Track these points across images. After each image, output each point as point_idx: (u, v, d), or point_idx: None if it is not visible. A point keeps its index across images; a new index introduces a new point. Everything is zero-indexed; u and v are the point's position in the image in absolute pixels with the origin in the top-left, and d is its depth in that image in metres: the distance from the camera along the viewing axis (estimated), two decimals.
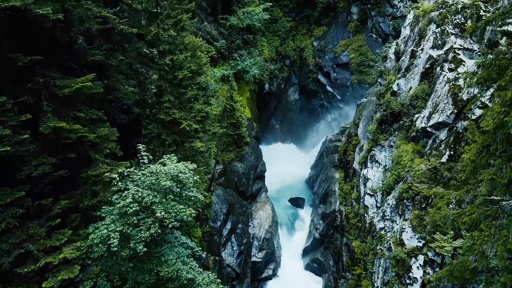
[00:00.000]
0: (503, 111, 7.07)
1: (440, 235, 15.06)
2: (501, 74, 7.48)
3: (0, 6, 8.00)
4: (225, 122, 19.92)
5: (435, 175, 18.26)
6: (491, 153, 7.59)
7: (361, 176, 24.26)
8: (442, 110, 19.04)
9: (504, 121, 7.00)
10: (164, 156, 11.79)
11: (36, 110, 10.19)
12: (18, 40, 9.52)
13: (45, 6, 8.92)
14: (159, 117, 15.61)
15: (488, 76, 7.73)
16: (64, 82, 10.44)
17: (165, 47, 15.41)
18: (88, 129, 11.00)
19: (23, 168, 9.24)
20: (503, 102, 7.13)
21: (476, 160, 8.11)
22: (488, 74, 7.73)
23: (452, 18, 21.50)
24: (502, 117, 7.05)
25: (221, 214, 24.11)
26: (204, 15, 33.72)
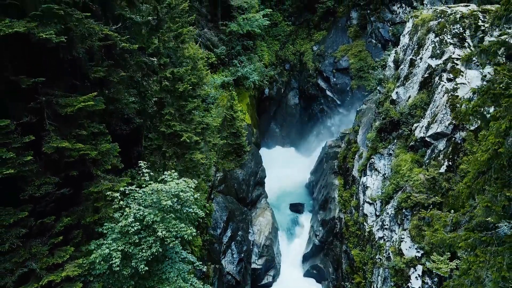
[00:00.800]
0: (497, 142, 7.21)
1: (437, 256, 15.22)
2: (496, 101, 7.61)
3: (5, 32, 8.14)
4: (225, 132, 20.04)
5: (434, 185, 18.40)
6: (486, 179, 7.74)
7: (360, 184, 24.39)
8: (440, 120, 19.18)
9: (498, 152, 7.14)
10: (165, 173, 11.93)
11: (39, 129, 10.33)
12: (21, 61, 9.65)
13: (48, 30, 9.05)
14: (159, 130, 15.74)
15: (483, 104, 7.88)
16: (66, 101, 10.57)
17: (166, 60, 15.55)
18: (90, 146, 11.13)
19: (26, 188, 9.37)
20: (498, 133, 7.28)
21: (472, 185, 8.26)
22: (483, 102, 7.88)
23: (450, 27, 21.63)
24: (497, 148, 7.20)
25: (221, 221, 24.24)
26: (204, 22, 33.89)
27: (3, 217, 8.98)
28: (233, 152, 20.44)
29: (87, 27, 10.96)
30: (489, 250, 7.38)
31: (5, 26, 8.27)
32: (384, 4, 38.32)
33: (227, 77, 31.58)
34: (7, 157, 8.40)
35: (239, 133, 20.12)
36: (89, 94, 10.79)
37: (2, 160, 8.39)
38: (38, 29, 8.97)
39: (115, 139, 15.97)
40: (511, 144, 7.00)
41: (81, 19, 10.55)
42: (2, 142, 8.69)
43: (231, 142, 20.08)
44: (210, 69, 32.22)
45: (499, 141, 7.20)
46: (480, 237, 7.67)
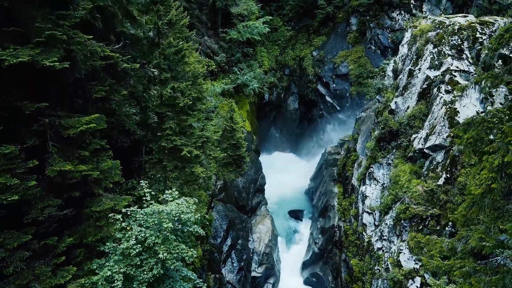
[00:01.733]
0: (491, 177, 7.39)
1: (433, 279, 15.38)
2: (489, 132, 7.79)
3: (9, 62, 8.30)
4: (225, 143, 20.20)
5: (432, 197, 18.57)
6: (480, 209, 7.91)
7: (360, 193, 24.56)
8: (439, 132, 19.35)
9: (491, 187, 7.32)
10: (166, 192, 12.09)
11: (42, 151, 10.49)
12: (24, 85, 9.82)
13: (51, 56, 9.22)
14: (160, 144, 15.91)
15: (477, 136, 8.06)
16: (69, 122, 10.74)
17: (166, 76, 15.72)
18: (92, 165, 11.30)
19: (29, 211, 9.54)
20: (491, 168, 7.45)
21: (467, 214, 8.42)
22: (477, 134, 8.06)
23: (448, 39, 21.81)
24: (490, 183, 7.37)
25: (221, 230, 24.40)
26: (204, 29, 34.05)
27: (7, 241, 9.14)
28: (233, 163, 20.59)
29: (89, 49, 11.13)
30: (483, 280, 7.55)
31: (9, 56, 8.44)
32: (384, 11, 38.52)
33: (227, 84, 31.76)
34: (12, 184, 8.57)
35: (239, 144, 20.27)
36: (91, 116, 10.94)
37: (6, 186, 8.56)
38: (41, 56, 9.13)
39: (116, 151, 16.16)
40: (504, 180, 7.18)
41: (83, 42, 10.72)
42: (6, 168, 8.86)
43: (231, 154, 20.23)
44: (210, 77, 32.44)
45: (492, 176, 7.37)
46: (474, 267, 7.85)
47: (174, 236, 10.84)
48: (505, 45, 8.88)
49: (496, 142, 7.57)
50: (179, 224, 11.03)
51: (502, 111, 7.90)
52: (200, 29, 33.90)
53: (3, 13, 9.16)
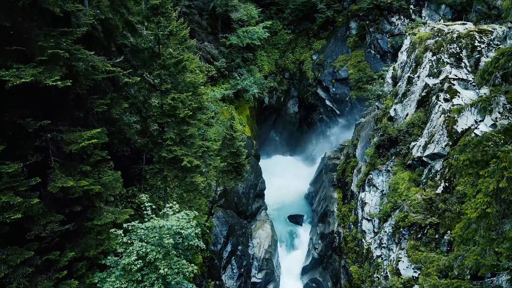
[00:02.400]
0: (486, 201, 7.51)
1: None
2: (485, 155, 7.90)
3: (12, 83, 8.43)
4: (225, 151, 20.32)
5: (431, 206, 18.69)
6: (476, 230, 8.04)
7: (359, 200, 24.68)
8: (437, 141, 19.47)
9: (486, 212, 7.43)
10: (166, 205, 12.22)
11: (44, 166, 10.62)
12: (26, 103, 9.94)
13: (54, 75, 9.35)
14: (161, 154, 16.02)
15: (473, 158, 8.18)
16: (71, 137, 10.86)
17: (167, 87, 15.84)
18: (93, 179, 11.42)
19: (32, 227, 9.66)
20: (486, 192, 7.57)
21: (463, 235, 8.54)
22: (473, 156, 8.18)
23: (447, 47, 21.93)
24: (485, 207, 7.49)
25: (221, 236, 24.52)
26: (204, 34, 34.18)
27: (10, 257, 9.26)
28: (233, 171, 20.71)
29: (91, 64, 11.25)
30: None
31: (13, 76, 8.56)
32: (383, 16, 38.63)
33: (227, 90, 31.89)
34: (15, 202, 8.69)
35: (239, 152, 20.39)
36: (93, 131, 11.06)
37: (9, 205, 8.68)
38: (44, 75, 9.26)
39: (116, 160, 16.30)
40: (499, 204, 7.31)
41: (85, 59, 10.84)
42: (9, 185, 8.98)
43: (231, 162, 20.35)
44: (210, 82, 32.58)
45: (487, 200, 7.50)
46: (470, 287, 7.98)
47: (175, 252, 10.97)
48: (501, 69, 8.98)
49: (491, 166, 7.70)
50: (180, 237, 11.16)
51: (497, 136, 8.02)
52: (200, 34, 34.04)
53: (6, 32, 9.28)
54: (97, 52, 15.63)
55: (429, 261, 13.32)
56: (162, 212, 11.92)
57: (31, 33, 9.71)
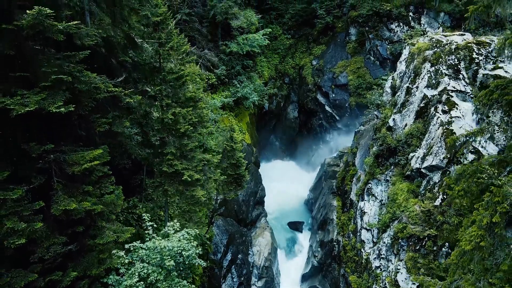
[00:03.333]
0: (479, 234, 7.69)
1: None
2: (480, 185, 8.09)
3: (17, 112, 8.61)
4: (226, 162, 20.50)
5: (429, 217, 18.86)
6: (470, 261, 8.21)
7: (358, 209, 24.85)
8: (435, 153, 19.64)
9: (480, 245, 7.61)
10: (167, 224, 12.39)
11: (47, 187, 10.79)
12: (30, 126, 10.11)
13: (57, 100, 9.52)
14: (162, 169, 16.19)
15: (468, 188, 8.36)
16: (73, 158, 11.03)
17: (168, 102, 16.02)
18: (95, 199, 11.59)
19: (35, 250, 9.83)
20: (480, 225, 7.75)
21: (458, 263, 8.72)
22: (468, 186, 8.36)
23: (446, 58, 22.11)
24: (479, 240, 7.68)
25: (221, 245, 24.69)
26: (204, 42, 34.37)
27: (14, 280, 9.43)
28: (233, 182, 20.89)
29: (93, 86, 11.43)
30: None
31: (17, 105, 8.74)
32: (383, 22, 38.81)
33: (227, 97, 32.07)
34: (19, 228, 8.86)
35: (239, 163, 20.57)
36: (95, 152, 11.23)
37: (14, 231, 8.85)
38: (47, 101, 9.43)
39: (117, 171, 16.45)
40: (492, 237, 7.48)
41: (87, 81, 11.02)
42: (14, 210, 9.15)
43: (231, 173, 20.53)
44: (210, 90, 32.76)
45: (481, 234, 7.67)
46: None
47: (176, 273, 11.15)
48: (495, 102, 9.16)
49: (485, 200, 7.88)
50: (181, 257, 11.33)
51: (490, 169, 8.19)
52: (200, 41, 34.24)
53: (10, 60, 9.45)
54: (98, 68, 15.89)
55: (426, 285, 13.46)
56: (163, 231, 12.10)
57: (35, 59, 9.88)
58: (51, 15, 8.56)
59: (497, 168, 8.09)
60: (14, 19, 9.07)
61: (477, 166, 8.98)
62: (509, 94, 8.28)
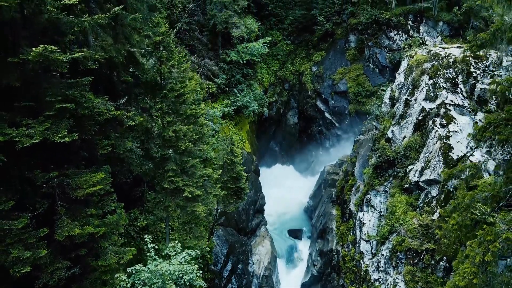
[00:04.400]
0: (472, 271, 7.90)
1: None
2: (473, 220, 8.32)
3: (23, 144, 8.82)
4: (226, 176, 20.71)
5: (427, 231, 19.07)
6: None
7: (357, 219, 25.06)
8: (433, 167, 19.85)
9: (473, 282, 7.83)
10: (168, 245, 12.61)
11: (51, 212, 11.00)
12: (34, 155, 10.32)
13: (61, 130, 9.73)
14: (163, 185, 16.40)
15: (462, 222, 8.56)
16: (76, 182, 11.23)
17: (169, 119, 16.24)
18: (97, 221, 11.81)
19: (40, 275, 10.04)
20: (473, 262, 7.97)
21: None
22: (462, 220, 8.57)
23: (444, 71, 22.33)
24: (472, 277, 7.89)
25: (221, 256, 24.90)
26: (205, 51, 34.59)
27: None
28: (233, 195, 21.10)
29: (96, 111, 11.64)
30: None
31: (22, 136, 8.95)
32: (382, 30, 38.99)
33: (227, 106, 32.29)
34: (25, 257, 9.07)
35: (239, 177, 20.79)
36: (97, 176, 11.44)
37: (19, 259, 9.06)
38: (52, 131, 9.64)
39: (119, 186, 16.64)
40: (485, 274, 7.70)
41: (90, 107, 11.23)
42: (19, 238, 9.37)
43: (231, 186, 20.74)
44: (210, 98, 32.98)
45: (474, 271, 7.89)
46: None
47: None
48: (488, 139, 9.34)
49: (478, 237, 8.10)
50: (181, 279, 11.56)
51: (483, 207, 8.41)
52: (200, 50, 34.46)
53: (15, 89, 9.67)
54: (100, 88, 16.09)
55: None
56: (165, 253, 12.32)
57: (39, 88, 10.09)
58: (56, 50, 8.76)
59: (490, 203, 8.30)
60: (20, 52, 9.29)
61: (471, 200, 9.20)
62: (501, 134, 8.49)
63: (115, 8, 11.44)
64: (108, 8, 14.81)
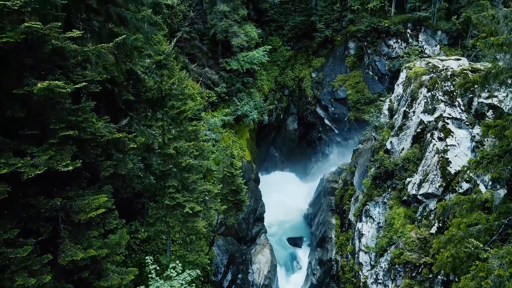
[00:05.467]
0: None
1: None
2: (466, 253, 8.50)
3: (28, 175, 9.03)
4: (226, 189, 20.91)
5: (425, 245, 19.28)
6: None
7: (356, 230, 25.26)
8: (431, 181, 20.06)
9: None
10: (170, 265, 12.82)
11: (54, 235, 11.20)
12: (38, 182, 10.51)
13: (65, 157, 9.94)
14: (164, 202, 16.60)
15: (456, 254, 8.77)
16: (79, 205, 11.42)
17: (170, 137, 16.45)
18: (100, 243, 12.01)
19: None
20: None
21: None
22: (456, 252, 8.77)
23: (442, 84, 22.53)
24: None
25: (222, 266, 25.10)
26: (205, 59, 34.81)
27: None
28: (233, 207, 21.30)
29: (98, 135, 11.84)
30: None
31: (28, 167, 9.16)
32: (381, 38, 39.25)
33: (227, 115, 32.50)
34: (30, 284, 9.27)
35: (239, 189, 20.99)
36: (100, 199, 11.64)
37: (24, 287, 9.26)
38: (56, 159, 9.85)
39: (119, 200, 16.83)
40: None
41: (93, 132, 11.44)
42: (23, 265, 9.56)
43: (231, 199, 20.94)
44: (210, 107, 33.19)
45: None
46: None
47: None
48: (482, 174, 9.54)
49: (471, 272, 8.30)
50: None
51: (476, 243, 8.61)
52: (200, 59, 34.68)
53: (20, 119, 9.87)
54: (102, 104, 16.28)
55: None
56: (166, 274, 12.53)
57: (43, 115, 10.29)
58: (61, 86, 8.97)
59: (483, 236, 8.50)
60: (25, 82, 9.50)
61: (465, 232, 9.41)
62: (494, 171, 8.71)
63: (117, 39, 11.60)
64: (109, 28, 15.08)
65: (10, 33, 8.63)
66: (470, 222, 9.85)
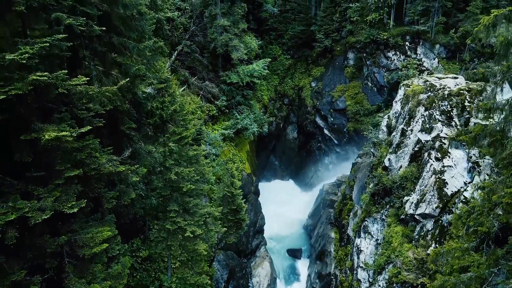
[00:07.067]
0: None
1: None
2: None
3: (35, 220, 9.36)
4: (226, 208, 21.22)
5: (422, 265, 19.59)
6: None
7: (355, 245, 25.57)
8: (428, 202, 20.37)
9: None
10: None
11: (58, 269, 11.52)
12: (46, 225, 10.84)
13: (70, 198, 10.27)
14: (165, 226, 16.91)
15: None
16: (83, 240, 11.75)
17: (171, 162, 16.75)
18: (104, 273, 12.33)
19: None
20: None
21: None
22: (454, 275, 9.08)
23: (439, 103, 22.85)
24: None
25: (222, 281, 25.41)
26: (205, 72, 35.13)
27: None
28: (233, 226, 21.61)
29: (102, 172, 12.16)
30: None
31: (35, 211, 9.48)
32: (380, 50, 39.58)
33: (227, 129, 32.82)
34: None
35: (240, 209, 21.30)
36: (104, 233, 11.96)
37: None
38: (61, 200, 10.17)
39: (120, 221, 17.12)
40: None
41: (96, 167, 11.75)
42: None
43: (231, 218, 21.25)
44: (211, 121, 33.51)
45: None
46: None
47: None
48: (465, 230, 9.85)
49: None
50: None
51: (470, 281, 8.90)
52: (201, 72, 35.00)
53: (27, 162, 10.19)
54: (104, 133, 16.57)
55: None
56: None
57: (49, 157, 10.62)
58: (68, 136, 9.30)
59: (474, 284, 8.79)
60: (32, 128, 9.82)
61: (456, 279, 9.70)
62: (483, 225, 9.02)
63: (121, 82, 11.93)
64: (112, 57, 15.38)
65: (18, 84, 8.94)
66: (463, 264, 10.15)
